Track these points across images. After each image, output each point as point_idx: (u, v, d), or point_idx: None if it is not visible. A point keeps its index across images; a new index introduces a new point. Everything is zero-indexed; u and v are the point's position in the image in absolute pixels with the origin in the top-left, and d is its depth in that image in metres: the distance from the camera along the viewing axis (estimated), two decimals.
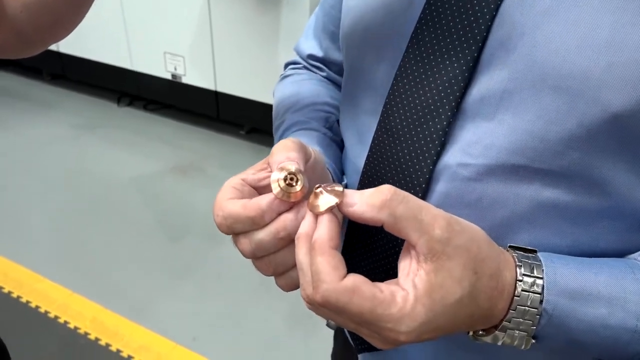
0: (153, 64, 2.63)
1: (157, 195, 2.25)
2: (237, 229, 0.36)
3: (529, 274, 0.34)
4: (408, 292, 0.31)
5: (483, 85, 0.37)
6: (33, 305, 1.65)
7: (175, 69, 2.56)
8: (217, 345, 1.55)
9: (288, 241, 0.36)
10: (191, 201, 2.21)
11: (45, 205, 2.15)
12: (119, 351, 1.50)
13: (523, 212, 0.38)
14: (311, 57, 0.63)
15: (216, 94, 2.54)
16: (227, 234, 0.38)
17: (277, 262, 0.37)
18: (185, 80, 2.57)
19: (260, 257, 0.37)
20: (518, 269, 0.34)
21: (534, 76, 0.35)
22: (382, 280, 0.34)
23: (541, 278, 0.34)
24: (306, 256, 0.33)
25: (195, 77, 2.54)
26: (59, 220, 2.06)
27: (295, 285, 0.38)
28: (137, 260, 1.87)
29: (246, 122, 2.65)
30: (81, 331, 1.57)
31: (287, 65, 0.68)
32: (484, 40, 0.36)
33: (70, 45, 2.87)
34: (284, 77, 0.65)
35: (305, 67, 0.65)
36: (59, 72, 3.14)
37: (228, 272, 1.82)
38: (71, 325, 1.58)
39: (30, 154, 2.51)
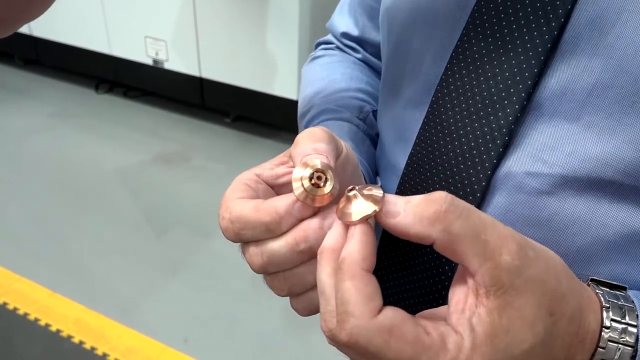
0: (133, 48, 2.53)
1: (140, 187, 2.17)
2: (246, 236, 0.29)
3: (619, 319, 0.27)
4: (463, 337, 0.25)
5: (565, 75, 0.30)
6: (11, 306, 1.57)
7: (157, 54, 2.46)
8: (209, 347, 1.49)
9: (309, 255, 0.29)
10: (177, 193, 2.14)
11: (21, 200, 2.06)
12: (105, 355, 1.43)
13: (609, 240, 0.31)
14: (345, 35, 0.56)
15: (200, 81, 2.46)
16: (234, 242, 0.30)
17: (295, 280, 0.30)
18: (167, 66, 2.48)
19: (273, 272, 0.31)
20: (605, 312, 0.27)
21: (638, 68, 0.27)
22: (415, 312, 0.27)
23: (635, 326, 0.27)
24: (330, 278, 0.26)
25: (178, 62, 2.45)
26: (37, 215, 1.97)
27: (315, 310, 0.31)
28: (122, 256, 1.80)
29: (232, 109, 2.59)
30: (64, 334, 1.49)
31: (318, 44, 0.61)
32: (568, 15, 0.29)
33: (45, 28, 2.75)
34: (314, 58, 0.58)
35: (338, 48, 0.57)
36: (33, 57, 3.02)
37: (220, 268, 1.75)
38: (53, 328, 1.51)
39: (3, 145, 2.41)
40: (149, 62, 2.52)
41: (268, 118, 2.41)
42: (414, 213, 0.25)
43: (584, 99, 0.29)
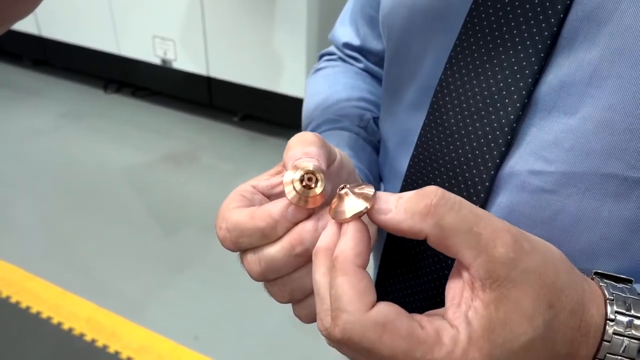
0: (141, 48, 2.54)
1: (149, 186, 2.18)
2: (243, 244, 0.29)
3: (624, 311, 0.26)
4: (459, 331, 0.24)
5: (563, 70, 0.30)
6: (23, 305, 1.59)
7: (165, 53, 2.47)
8: (220, 344, 1.49)
9: (306, 258, 0.29)
10: (185, 192, 2.15)
11: (32, 200, 2.07)
12: (117, 353, 1.44)
13: (615, 236, 0.30)
14: (347, 45, 0.56)
15: (208, 80, 2.46)
16: (233, 251, 0.30)
17: (294, 286, 0.30)
18: (175, 65, 2.49)
19: (272, 279, 0.31)
20: (609, 305, 0.26)
21: (637, 55, 0.27)
22: (424, 311, 0.27)
23: None
24: (325, 277, 0.26)
25: (186, 62, 2.46)
26: (48, 214, 1.99)
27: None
28: (132, 255, 1.81)
29: (240, 108, 2.58)
30: (76, 332, 1.50)
31: (321, 56, 0.61)
32: (566, 10, 0.29)
33: (53, 29, 2.76)
34: (317, 70, 0.58)
35: (340, 58, 0.57)
36: (41, 58, 3.03)
37: (229, 265, 1.75)
38: (65, 327, 1.52)
39: (13, 146, 2.42)
40: (157, 61, 2.53)
41: (276, 117, 2.42)
42: (405, 209, 0.25)
43: (582, 91, 0.29)
